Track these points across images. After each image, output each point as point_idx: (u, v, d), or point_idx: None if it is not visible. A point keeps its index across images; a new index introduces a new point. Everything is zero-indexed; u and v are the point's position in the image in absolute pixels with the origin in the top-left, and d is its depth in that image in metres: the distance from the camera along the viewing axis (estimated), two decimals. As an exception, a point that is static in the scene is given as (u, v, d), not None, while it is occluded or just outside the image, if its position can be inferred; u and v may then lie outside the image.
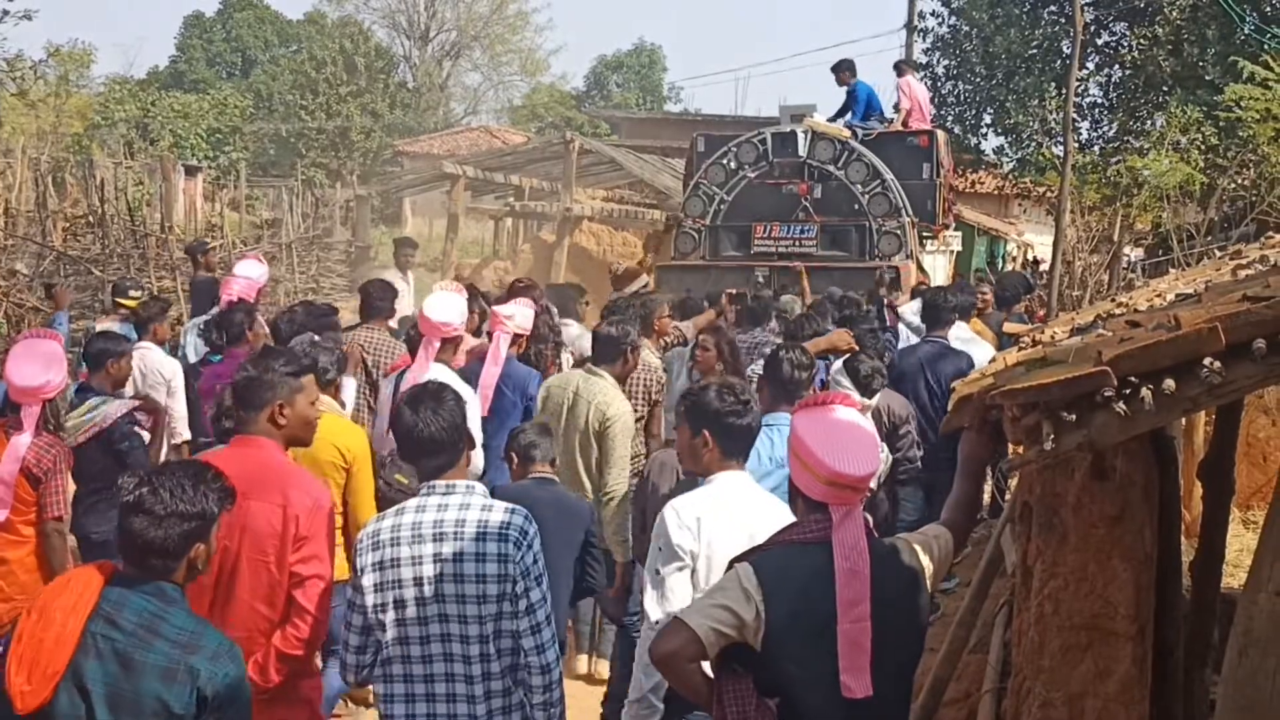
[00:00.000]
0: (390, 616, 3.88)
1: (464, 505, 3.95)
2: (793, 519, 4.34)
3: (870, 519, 3.63)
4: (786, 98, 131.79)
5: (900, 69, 16.60)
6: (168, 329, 9.24)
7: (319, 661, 4.67)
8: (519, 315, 7.63)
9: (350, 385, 7.31)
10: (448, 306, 7.06)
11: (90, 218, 17.15)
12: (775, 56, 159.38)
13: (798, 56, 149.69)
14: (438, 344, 6.96)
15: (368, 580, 3.90)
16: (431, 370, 6.68)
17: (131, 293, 10.60)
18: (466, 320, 7.55)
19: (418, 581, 3.86)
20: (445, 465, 4.04)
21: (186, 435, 8.47)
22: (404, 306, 10.31)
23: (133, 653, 3.13)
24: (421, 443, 4.02)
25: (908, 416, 7.51)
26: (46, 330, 6.35)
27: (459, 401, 4.15)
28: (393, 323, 8.90)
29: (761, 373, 5.79)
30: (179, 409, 8.53)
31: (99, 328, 9.62)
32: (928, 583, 3.61)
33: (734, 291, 11.77)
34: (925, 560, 3.63)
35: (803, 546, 3.46)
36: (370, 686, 4.27)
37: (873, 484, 5.58)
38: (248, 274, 9.26)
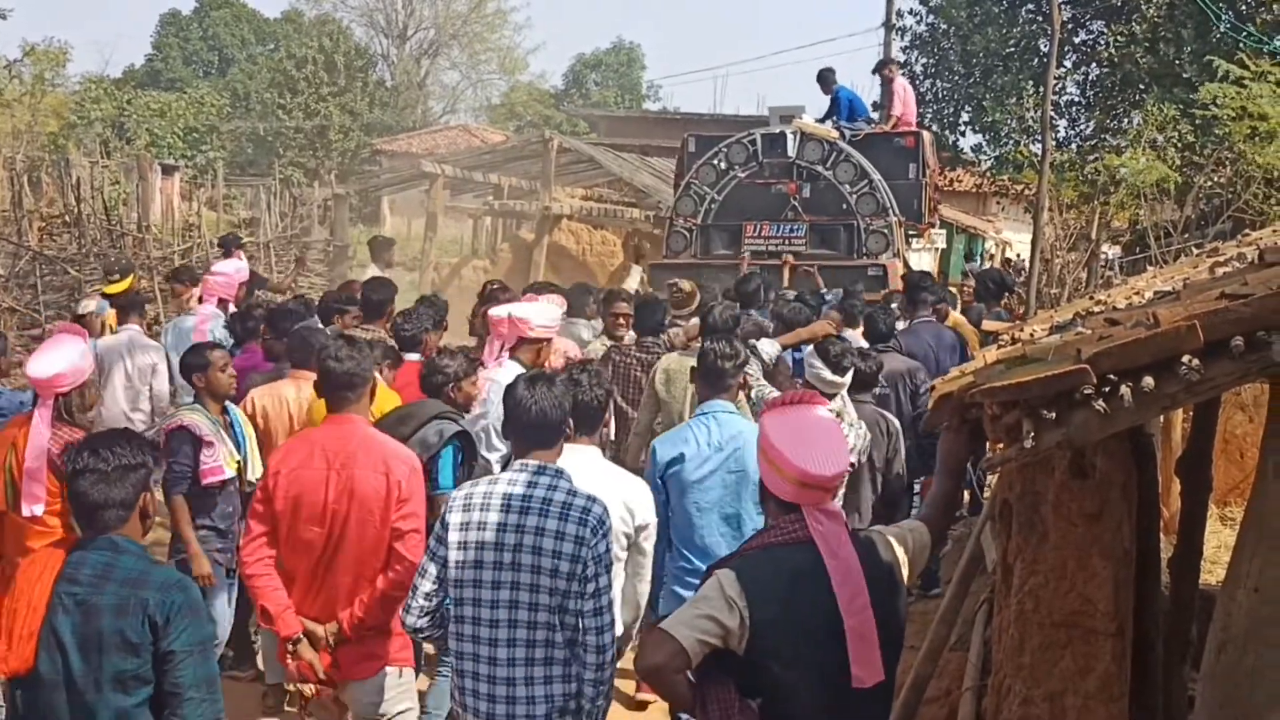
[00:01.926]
0: (469, 575, 4.16)
1: (551, 486, 4.21)
2: (639, 484, 5.04)
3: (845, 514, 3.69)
4: (765, 96, 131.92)
5: (890, 71, 16.87)
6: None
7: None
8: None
9: None
10: (534, 308, 7.28)
11: (66, 217, 17.03)
12: (754, 55, 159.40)
13: (776, 55, 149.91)
14: (513, 341, 7.10)
15: (453, 536, 4.18)
16: (506, 368, 6.87)
17: (113, 278, 10.63)
18: (556, 325, 7.60)
19: (498, 547, 4.14)
20: (541, 445, 4.31)
21: None
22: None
23: (90, 598, 3.50)
24: (525, 420, 4.30)
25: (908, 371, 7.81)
26: (72, 325, 6.41)
27: (566, 392, 4.45)
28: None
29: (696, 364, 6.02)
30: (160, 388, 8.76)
31: (80, 309, 9.66)
32: (904, 574, 3.66)
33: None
34: (900, 552, 3.67)
35: (783, 548, 3.50)
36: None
37: (851, 458, 5.80)
38: (225, 270, 9.24)
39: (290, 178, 35.96)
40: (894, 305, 10.59)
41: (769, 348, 6.91)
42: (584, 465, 4.68)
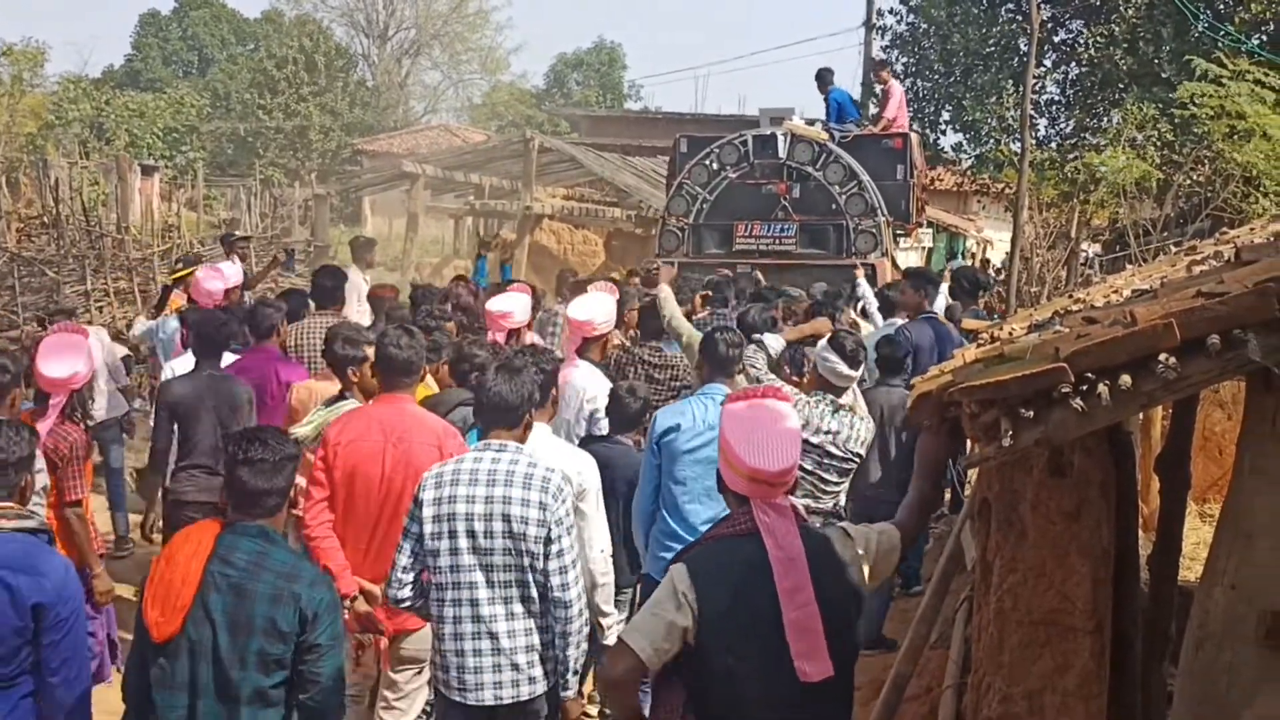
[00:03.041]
0: (444, 545, 4.57)
1: (514, 460, 4.64)
2: (580, 454, 5.56)
3: (799, 507, 3.78)
4: (747, 95, 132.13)
5: (885, 75, 17.33)
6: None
7: None
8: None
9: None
10: (591, 306, 7.59)
11: (45, 218, 16.99)
12: (735, 55, 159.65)
13: (757, 55, 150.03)
14: (579, 341, 7.46)
15: (427, 512, 4.59)
16: (580, 368, 7.34)
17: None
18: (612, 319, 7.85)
19: (469, 517, 4.55)
20: (503, 425, 4.73)
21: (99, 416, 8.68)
22: (363, 308, 10.24)
23: (245, 584, 3.77)
24: (487, 403, 4.76)
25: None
26: (75, 325, 6.57)
27: (533, 380, 4.87)
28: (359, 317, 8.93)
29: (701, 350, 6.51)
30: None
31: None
32: (864, 570, 3.68)
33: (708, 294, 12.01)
34: (859, 549, 3.69)
35: (734, 540, 3.58)
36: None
37: (861, 450, 6.18)
38: (226, 274, 9.28)
39: (271, 178, 35.86)
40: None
41: (775, 343, 7.04)
42: (533, 438, 5.00)
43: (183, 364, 7.79)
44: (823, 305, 9.70)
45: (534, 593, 4.60)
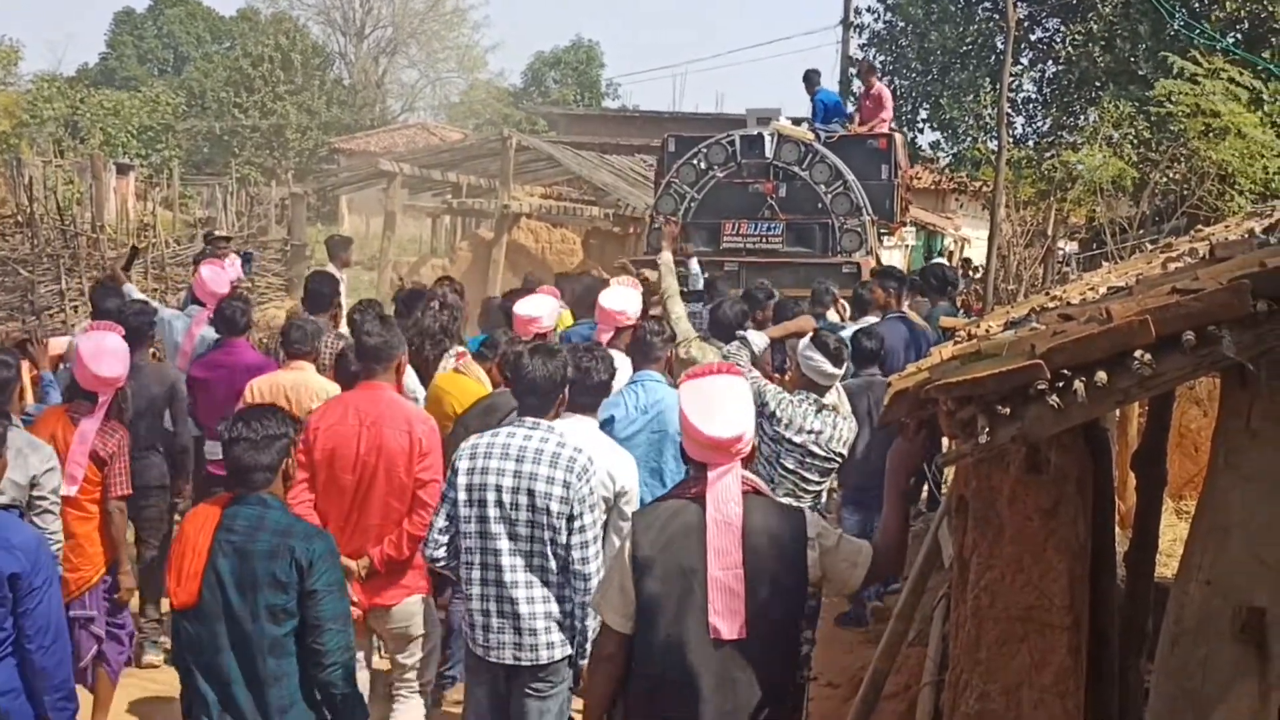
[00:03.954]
0: (475, 513, 4.94)
1: (544, 439, 4.97)
2: (624, 455, 5.64)
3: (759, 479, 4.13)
4: (724, 93, 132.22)
5: (872, 77, 17.67)
6: None
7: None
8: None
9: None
10: (621, 297, 7.78)
11: (19, 217, 16.83)
12: (713, 53, 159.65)
13: (734, 53, 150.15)
14: (612, 332, 7.57)
15: (461, 480, 4.97)
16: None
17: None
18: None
19: (498, 489, 4.91)
20: (538, 408, 5.06)
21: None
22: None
23: (246, 545, 4.17)
24: (523, 384, 5.07)
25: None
26: (111, 324, 6.71)
27: (565, 364, 5.16)
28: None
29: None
30: None
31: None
32: (812, 557, 3.83)
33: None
34: (814, 535, 3.86)
35: (682, 500, 3.92)
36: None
37: (843, 450, 6.32)
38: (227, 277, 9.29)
39: (247, 177, 35.68)
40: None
41: (758, 340, 7.11)
42: (580, 432, 5.30)
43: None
44: (784, 304, 9.85)
45: (553, 564, 4.93)
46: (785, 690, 3.85)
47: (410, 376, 7.22)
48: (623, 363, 7.33)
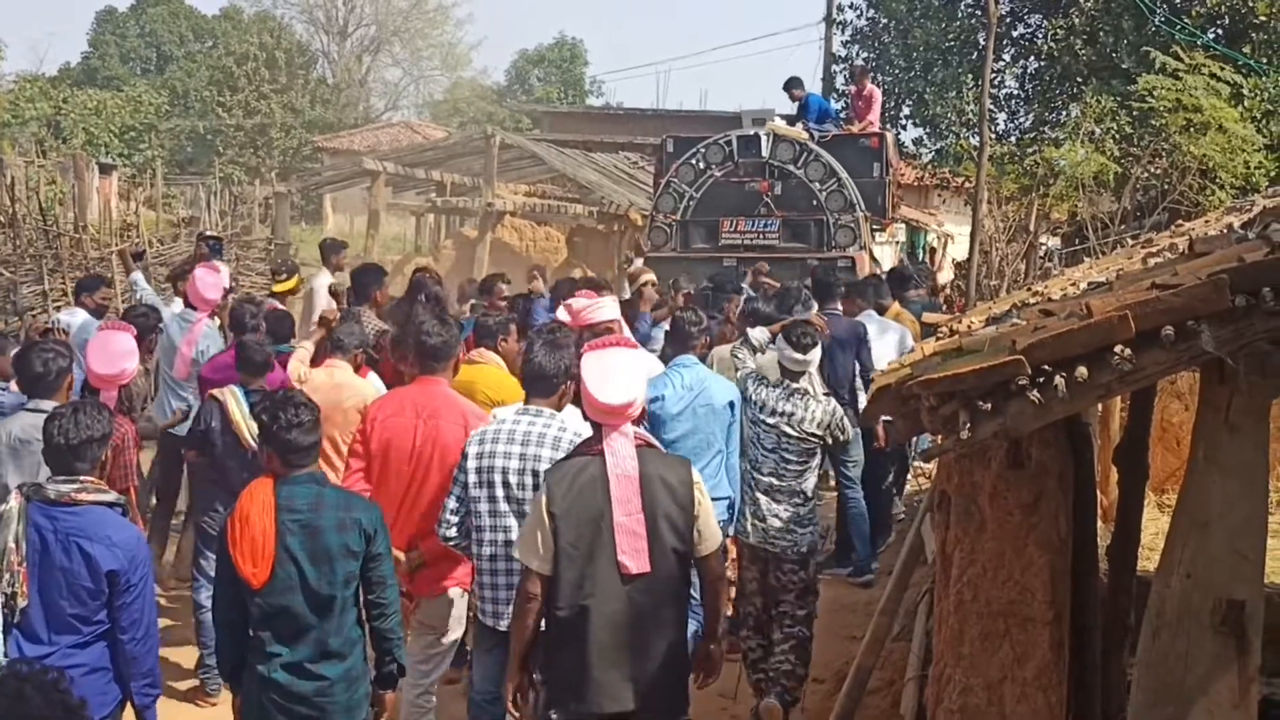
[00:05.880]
0: (484, 493, 5.24)
1: (546, 424, 5.26)
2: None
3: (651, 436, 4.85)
4: (708, 91, 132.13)
5: (863, 79, 18.45)
6: None
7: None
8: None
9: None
10: (589, 302, 7.85)
11: (1, 218, 16.76)
12: (696, 50, 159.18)
13: (718, 50, 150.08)
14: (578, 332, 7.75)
15: (470, 464, 5.27)
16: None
17: (280, 276, 11.03)
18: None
19: (505, 471, 5.21)
20: (542, 392, 5.32)
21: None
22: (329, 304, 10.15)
23: (313, 521, 4.55)
24: (529, 372, 5.36)
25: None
26: (121, 323, 6.85)
27: (570, 354, 5.36)
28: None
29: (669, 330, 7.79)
30: None
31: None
32: (698, 493, 4.50)
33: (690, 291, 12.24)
34: (698, 477, 4.57)
35: (587, 457, 4.49)
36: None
37: (817, 430, 6.69)
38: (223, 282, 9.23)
39: (231, 176, 35.60)
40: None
41: (759, 334, 7.52)
42: (579, 419, 5.44)
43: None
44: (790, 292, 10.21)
45: None
46: (681, 606, 4.56)
47: (373, 378, 7.33)
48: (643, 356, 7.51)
